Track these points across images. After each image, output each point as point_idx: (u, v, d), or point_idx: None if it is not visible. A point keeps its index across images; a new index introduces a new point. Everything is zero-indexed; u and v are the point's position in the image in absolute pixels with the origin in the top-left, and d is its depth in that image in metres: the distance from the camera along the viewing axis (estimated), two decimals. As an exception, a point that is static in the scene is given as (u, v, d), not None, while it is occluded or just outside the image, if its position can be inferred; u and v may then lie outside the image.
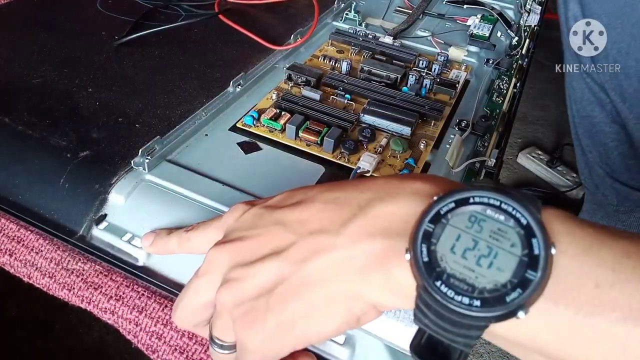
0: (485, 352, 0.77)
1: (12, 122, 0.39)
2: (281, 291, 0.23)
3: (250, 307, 0.24)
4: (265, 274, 0.24)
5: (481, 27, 0.60)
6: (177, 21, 0.57)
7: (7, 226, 0.35)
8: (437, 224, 0.21)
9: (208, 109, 0.42)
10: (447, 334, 0.20)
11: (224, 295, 0.24)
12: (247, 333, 0.24)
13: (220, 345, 0.26)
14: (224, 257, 0.25)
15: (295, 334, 0.23)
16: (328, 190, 0.25)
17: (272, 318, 0.23)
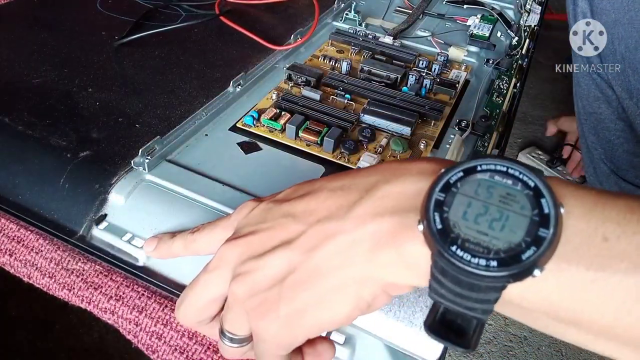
0: (485, 352, 0.77)
1: (12, 122, 0.39)
2: (292, 280, 0.23)
3: (263, 297, 0.24)
4: (276, 264, 0.24)
5: (481, 27, 0.60)
6: (177, 21, 0.57)
7: (7, 226, 0.35)
8: (448, 192, 0.21)
9: (208, 109, 0.42)
10: (464, 302, 0.20)
11: (236, 288, 0.25)
12: (262, 323, 0.24)
13: (230, 338, 0.26)
14: (235, 252, 0.26)
15: (307, 322, 0.23)
16: (334, 179, 0.25)
17: (285, 307, 0.23)
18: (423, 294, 0.28)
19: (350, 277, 0.23)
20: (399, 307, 0.28)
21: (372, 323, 0.28)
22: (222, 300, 0.27)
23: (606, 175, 0.71)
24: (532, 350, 0.78)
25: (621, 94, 0.61)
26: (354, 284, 0.23)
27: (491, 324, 0.81)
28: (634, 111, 0.61)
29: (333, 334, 0.29)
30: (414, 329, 0.27)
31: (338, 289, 0.23)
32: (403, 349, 0.27)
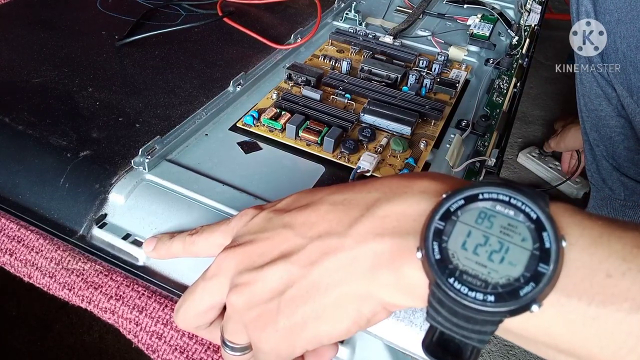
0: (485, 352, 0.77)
1: (12, 122, 0.39)
2: (291, 294, 0.23)
3: (261, 310, 0.24)
4: (275, 277, 0.24)
5: (481, 26, 0.60)
6: (178, 21, 0.57)
7: (7, 226, 0.35)
8: (448, 221, 0.21)
9: (208, 109, 0.42)
10: (460, 331, 0.20)
11: (235, 299, 0.25)
12: (260, 336, 0.24)
13: (232, 347, 0.26)
14: (233, 261, 0.25)
15: (306, 336, 0.23)
16: (335, 192, 0.25)
17: (283, 320, 0.23)
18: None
19: (350, 293, 0.23)
20: (399, 306, 0.28)
21: (372, 323, 0.28)
22: (220, 307, 0.27)
23: (609, 172, 0.71)
24: (532, 350, 0.78)
25: (621, 92, 0.61)
26: (354, 301, 0.23)
27: (491, 324, 0.81)
28: (634, 109, 0.61)
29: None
30: (414, 329, 0.27)
31: (337, 304, 0.23)
32: (403, 349, 0.27)
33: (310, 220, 0.24)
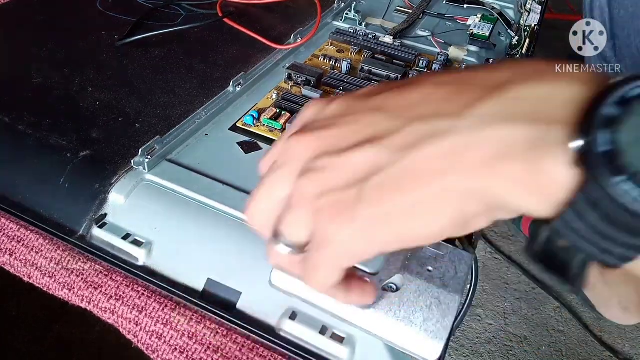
0: (485, 352, 0.77)
1: (12, 122, 0.39)
2: (377, 182, 0.20)
3: (338, 197, 0.21)
4: (360, 162, 0.21)
5: (481, 26, 0.60)
6: (178, 21, 0.57)
7: (7, 226, 0.35)
8: (623, 108, 0.17)
9: (208, 109, 0.42)
10: (603, 242, 0.17)
11: (305, 185, 0.21)
12: (332, 226, 0.21)
13: (286, 242, 0.23)
14: (306, 145, 0.22)
15: (389, 232, 0.20)
16: (441, 74, 0.22)
17: (365, 210, 0.20)
18: (423, 294, 0.28)
19: (455, 186, 0.19)
20: (399, 307, 0.28)
21: (372, 323, 0.28)
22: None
23: None
24: (532, 350, 0.78)
25: None
26: (458, 196, 0.19)
27: (491, 324, 0.81)
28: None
29: (331, 335, 0.29)
30: (414, 329, 0.27)
31: (435, 198, 0.19)
32: (403, 348, 0.27)
33: (409, 101, 0.21)
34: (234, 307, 0.31)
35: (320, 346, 0.29)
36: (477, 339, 0.79)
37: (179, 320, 0.30)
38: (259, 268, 0.31)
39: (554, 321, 0.82)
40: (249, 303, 0.31)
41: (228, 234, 0.33)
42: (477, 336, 0.79)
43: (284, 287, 0.29)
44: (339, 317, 0.28)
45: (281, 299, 0.30)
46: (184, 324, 0.30)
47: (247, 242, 0.32)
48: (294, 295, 0.29)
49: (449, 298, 0.28)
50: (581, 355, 0.78)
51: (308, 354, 0.29)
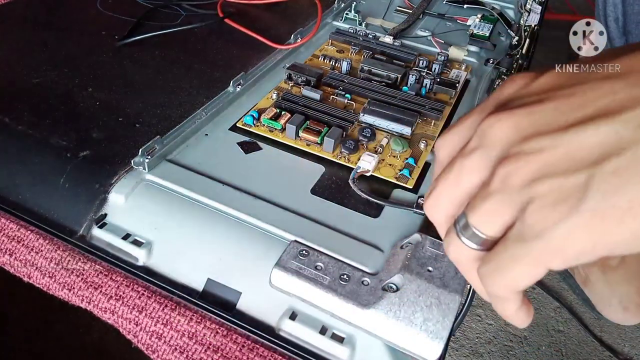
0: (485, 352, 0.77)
1: (12, 122, 0.39)
2: (615, 166, 0.16)
3: (558, 185, 0.17)
4: (589, 141, 0.17)
5: (481, 26, 0.60)
6: (178, 21, 0.57)
7: (7, 226, 0.35)
8: None
9: (208, 109, 0.42)
10: None
11: (512, 171, 0.18)
12: (549, 215, 0.17)
13: (473, 235, 0.20)
14: (511, 126, 0.19)
15: (625, 229, 0.16)
16: None
17: (596, 201, 0.16)
18: (423, 294, 0.28)
19: None
20: (399, 307, 0.28)
21: (372, 323, 0.28)
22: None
23: None
24: (532, 350, 0.78)
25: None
26: None
27: (491, 324, 0.81)
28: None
29: (331, 335, 0.29)
30: (414, 329, 0.27)
31: None
32: (403, 349, 0.27)
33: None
34: (234, 307, 0.31)
35: (320, 346, 0.29)
36: (477, 339, 0.79)
37: (179, 320, 0.30)
38: (259, 268, 0.31)
39: (554, 321, 0.82)
40: (249, 303, 0.31)
41: (228, 234, 0.33)
42: (477, 336, 0.79)
43: (284, 287, 0.29)
44: (339, 317, 0.28)
45: (281, 299, 0.30)
46: (184, 324, 0.30)
47: (247, 242, 0.32)
48: (294, 295, 0.29)
49: (449, 298, 0.28)
50: (581, 355, 0.78)
51: (308, 354, 0.29)
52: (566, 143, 0.17)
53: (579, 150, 0.17)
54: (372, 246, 0.33)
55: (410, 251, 0.30)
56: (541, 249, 0.18)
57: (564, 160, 0.17)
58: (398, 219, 0.35)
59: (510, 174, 0.18)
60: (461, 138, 0.22)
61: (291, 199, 0.35)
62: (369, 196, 0.35)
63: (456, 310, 0.28)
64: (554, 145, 0.18)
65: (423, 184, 0.38)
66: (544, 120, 0.18)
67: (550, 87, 0.19)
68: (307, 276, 0.29)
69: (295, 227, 0.33)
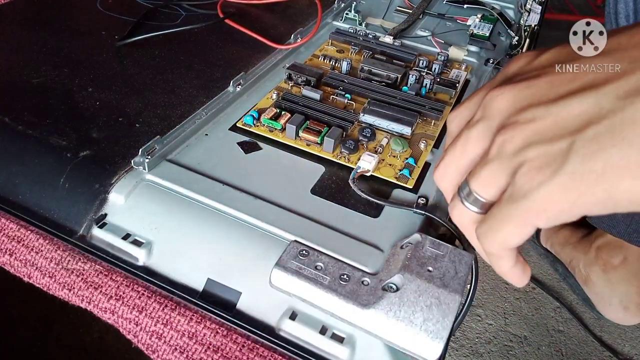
0: (485, 352, 0.77)
1: (12, 122, 0.39)
2: (594, 133, 0.18)
3: (544, 150, 0.19)
4: (573, 111, 0.19)
5: (481, 26, 0.60)
6: (178, 21, 0.57)
7: (7, 226, 0.35)
8: None
9: (208, 109, 0.42)
10: None
11: (507, 139, 0.20)
12: (534, 177, 0.19)
13: (475, 199, 0.22)
14: (509, 98, 0.21)
15: (599, 190, 0.18)
16: None
17: (573, 164, 0.18)
18: (423, 294, 0.28)
19: None
20: (399, 307, 0.28)
21: (372, 323, 0.28)
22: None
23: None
24: (532, 350, 0.78)
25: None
26: None
27: (491, 324, 0.81)
28: None
29: (331, 335, 0.29)
30: (414, 329, 0.27)
31: None
32: (403, 349, 0.27)
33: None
34: (234, 307, 0.31)
35: (320, 346, 0.29)
36: (477, 339, 0.79)
37: (179, 320, 0.30)
38: (259, 268, 0.31)
39: (554, 321, 0.82)
40: (249, 303, 0.31)
41: (228, 234, 0.33)
42: (477, 336, 0.79)
43: (284, 287, 0.29)
44: (339, 317, 0.28)
45: (281, 299, 0.30)
46: (184, 324, 0.30)
47: (247, 242, 0.32)
48: (294, 295, 0.29)
49: (449, 298, 0.28)
50: (581, 355, 0.78)
51: (308, 354, 0.29)
52: (554, 113, 0.19)
53: (565, 120, 0.19)
54: (372, 246, 0.33)
55: (410, 251, 0.30)
56: (527, 208, 0.19)
57: (551, 128, 0.19)
58: (398, 219, 0.35)
59: (506, 141, 0.20)
60: (470, 112, 0.23)
61: (291, 199, 0.35)
62: (369, 196, 0.35)
63: (456, 310, 0.28)
64: (544, 115, 0.19)
65: (423, 184, 0.38)
66: (539, 93, 0.20)
67: (548, 63, 0.21)
68: (307, 276, 0.29)
69: (295, 227, 0.33)
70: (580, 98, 0.19)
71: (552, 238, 0.87)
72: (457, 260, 0.30)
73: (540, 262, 0.90)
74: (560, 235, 0.86)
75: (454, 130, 0.25)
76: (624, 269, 0.77)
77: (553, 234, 0.87)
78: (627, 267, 0.76)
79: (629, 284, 0.77)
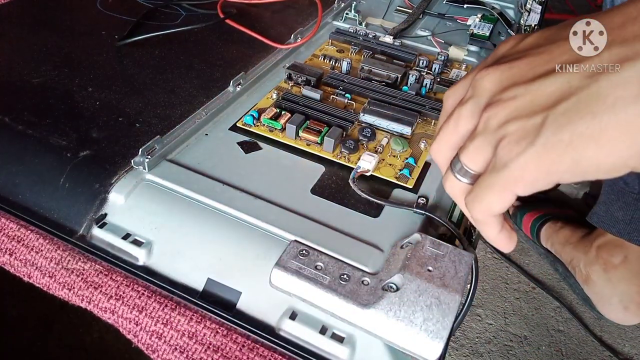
0: (485, 352, 0.77)
1: (12, 122, 0.39)
2: (565, 108, 0.20)
3: (522, 124, 0.21)
4: (549, 89, 0.21)
5: (481, 26, 0.60)
6: (178, 21, 0.57)
7: (7, 226, 0.35)
8: None
9: (208, 109, 0.42)
10: None
11: (491, 115, 0.22)
12: (512, 149, 0.21)
13: (464, 171, 0.24)
14: (495, 78, 0.23)
15: (568, 159, 0.20)
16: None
17: (546, 136, 0.20)
18: (423, 294, 0.28)
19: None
20: (399, 306, 0.28)
21: (372, 323, 0.28)
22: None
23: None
24: (532, 350, 0.78)
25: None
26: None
27: (491, 324, 0.81)
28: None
29: (331, 335, 0.29)
30: (414, 329, 0.27)
31: (626, 125, 0.19)
32: (403, 348, 0.27)
33: (611, 25, 0.20)
34: (234, 307, 0.31)
35: (320, 346, 0.29)
36: (477, 339, 0.79)
37: (179, 320, 0.30)
38: (259, 268, 0.31)
39: (554, 321, 0.82)
40: (249, 303, 0.31)
41: (228, 234, 0.33)
42: (477, 336, 0.79)
43: (284, 287, 0.29)
44: (339, 317, 0.28)
45: (281, 298, 0.30)
46: (184, 324, 0.30)
47: (247, 242, 0.32)
48: (294, 295, 0.29)
49: (449, 298, 0.28)
50: (581, 355, 0.78)
51: (308, 353, 0.29)
52: (532, 91, 0.21)
53: (540, 97, 0.21)
54: (372, 246, 0.33)
55: (410, 251, 0.30)
56: (507, 177, 0.22)
57: (529, 105, 0.21)
58: (398, 218, 0.35)
59: (490, 118, 0.23)
60: (464, 89, 0.26)
61: (291, 198, 0.35)
62: (369, 196, 0.35)
63: (456, 310, 0.28)
64: (524, 93, 0.22)
65: (423, 184, 0.38)
66: (519, 73, 0.22)
67: (530, 46, 0.23)
68: (307, 276, 0.29)
69: (295, 226, 0.33)
70: (554, 78, 0.21)
71: (552, 238, 0.87)
72: (457, 260, 0.30)
73: (540, 262, 0.90)
74: (560, 234, 0.86)
75: (449, 108, 0.27)
76: (624, 268, 0.76)
77: (553, 234, 0.87)
78: (628, 266, 0.76)
79: (630, 283, 0.77)
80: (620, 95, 0.19)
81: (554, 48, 0.22)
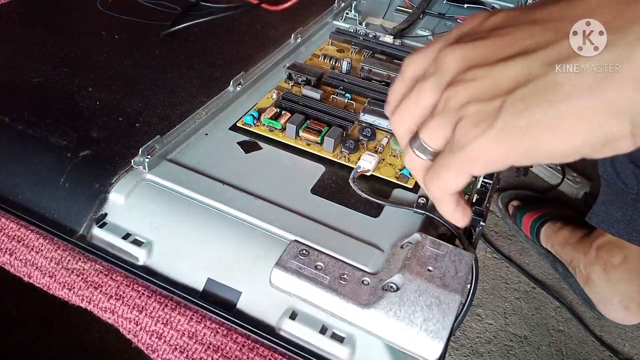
0: (485, 352, 0.77)
1: (12, 122, 0.39)
2: (522, 94, 0.20)
3: (480, 108, 0.21)
4: (509, 74, 0.21)
5: (481, 26, 0.60)
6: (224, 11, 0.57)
7: (7, 226, 0.35)
8: None
9: (208, 108, 0.42)
10: None
11: (451, 95, 0.23)
12: (470, 131, 0.22)
13: (423, 148, 0.25)
14: (458, 57, 0.23)
15: (523, 143, 0.20)
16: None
17: (504, 120, 0.21)
18: (423, 294, 0.28)
19: (603, 103, 0.19)
20: (399, 306, 0.28)
21: (372, 323, 0.28)
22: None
23: (624, 165, 0.69)
24: (532, 350, 0.78)
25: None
26: (603, 113, 0.19)
27: (491, 324, 0.81)
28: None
29: (331, 335, 0.29)
30: (414, 329, 0.27)
31: (578, 114, 0.19)
32: (403, 348, 0.27)
33: (571, 14, 0.20)
34: (234, 307, 0.31)
35: (320, 346, 0.29)
36: (477, 339, 0.79)
37: (179, 319, 0.30)
38: (259, 268, 0.31)
39: (554, 321, 0.82)
40: (249, 303, 0.31)
41: (228, 234, 0.33)
42: (477, 336, 0.79)
43: (284, 287, 0.29)
44: (339, 316, 0.28)
45: (281, 298, 0.30)
46: (184, 324, 0.30)
47: (247, 242, 0.32)
48: (294, 294, 0.29)
49: (449, 298, 0.28)
50: (581, 355, 0.78)
51: (308, 353, 0.29)
52: (493, 75, 0.22)
53: (500, 81, 0.21)
54: (372, 246, 0.32)
55: (410, 251, 0.30)
56: (463, 158, 0.22)
57: (489, 88, 0.21)
58: (398, 218, 0.35)
59: (450, 97, 0.23)
60: (426, 61, 0.25)
61: (291, 198, 0.35)
62: (369, 196, 0.35)
63: (456, 310, 0.28)
64: (484, 76, 0.22)
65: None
66: (482, 55, 0.22)
67: (495, 26, 0.23)
68: (307, 276, 0.29)
69: (295, 226, 0.33)
70: (514, 63, 0.21)
71: (552, 238, 0.87)
72: (457, 259, 0.30)
73: (540, 262, 0.90)
74: (560, 235, 0.86)
75: (408, 76, 0.26)
76: (624, 268, 0.76)
77: (553, 234, 0.87)
78: (628, 266, 0.76)
79: (630, 283, 0.77)
80: (574, 85, 0.19)
81: (517, 31, 0.22)
